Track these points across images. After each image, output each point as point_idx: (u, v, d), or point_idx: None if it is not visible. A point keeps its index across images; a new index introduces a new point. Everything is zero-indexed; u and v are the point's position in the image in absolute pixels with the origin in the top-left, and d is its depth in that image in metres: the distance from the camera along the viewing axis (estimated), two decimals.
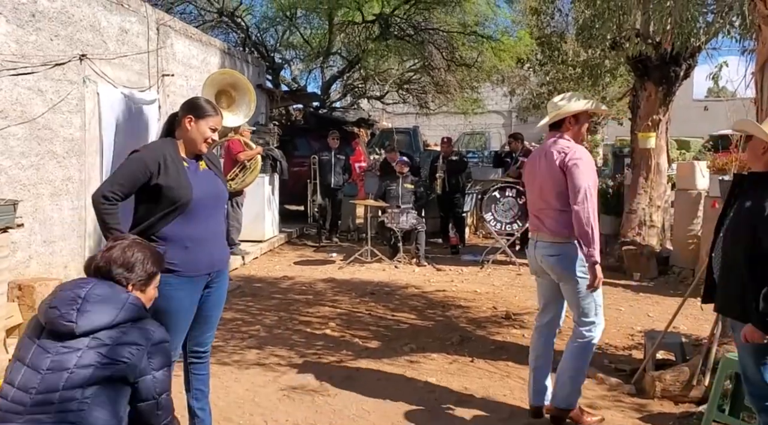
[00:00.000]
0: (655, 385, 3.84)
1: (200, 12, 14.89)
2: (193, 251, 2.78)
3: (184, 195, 2.75)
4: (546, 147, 3.47)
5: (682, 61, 7.71)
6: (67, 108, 5.78)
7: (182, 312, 2.81)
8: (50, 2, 5.52)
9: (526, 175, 3.72)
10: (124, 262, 2.22)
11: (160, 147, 2.86)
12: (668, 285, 7.10)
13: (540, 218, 3.49)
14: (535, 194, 3.53)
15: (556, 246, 3.39)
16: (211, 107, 2.92)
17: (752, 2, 3.86)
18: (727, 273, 2.76)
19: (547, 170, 3.39)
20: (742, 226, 2.68)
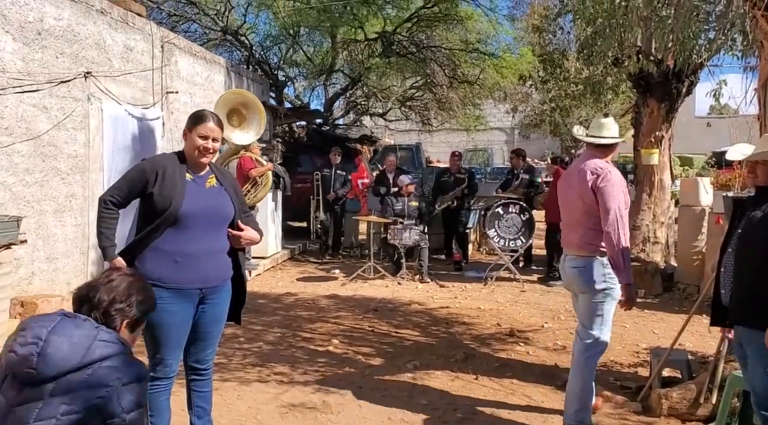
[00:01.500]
0: (662, 403, 3.79)
1: (204, 30, 15.03)
2: (183, 267, 2.74)
3: (174, 207, 2.72)
4: (580, 165, 3.60)
5: (684, 78, 7.74)
6: (72, 125, 5.81)
7: (174, 326, 2.78)
8: (56, 20, 5.58)
9: (561, 190, 3.81)
10: (126, 298, 2.07)
11: (163, 158, 2.90)
12: (673, 302, 7.06)
13: (569, 233, 3.63)
14: (566, 209, 3.66)
15: (579, 259, 3.51)
16: (205, 116, 2.87)
17: (754, 19, 3.87)
18: (741, 282, 2.71)
19: (578, 188, 3.50)
20: (755, 233, 2.66)
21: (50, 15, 5.51)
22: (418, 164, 15.19)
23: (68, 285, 5.75)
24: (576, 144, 19.31)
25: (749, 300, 2.66)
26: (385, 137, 21.89)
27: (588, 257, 3.47)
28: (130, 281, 2.12)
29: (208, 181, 2.90)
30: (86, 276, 5.99)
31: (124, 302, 2.05)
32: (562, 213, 3.77)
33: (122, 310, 2.04)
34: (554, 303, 6.95)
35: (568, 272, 3.59)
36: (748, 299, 2.66)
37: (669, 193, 8.25)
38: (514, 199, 8.40)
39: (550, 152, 16.67)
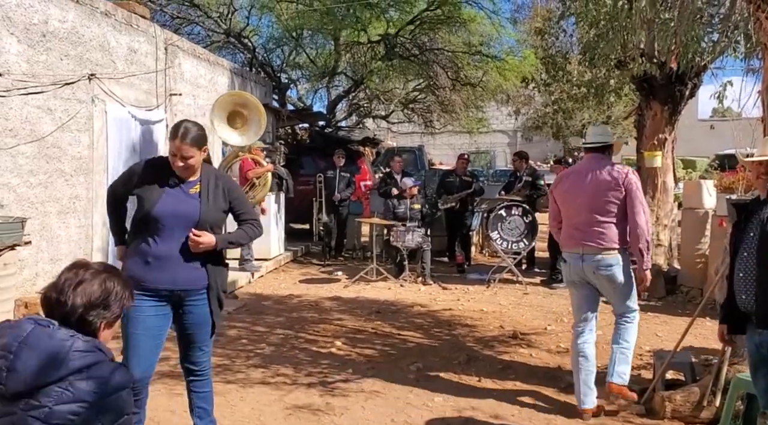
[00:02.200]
0: (665, 405, 3.79)
1: (208, 33, 15.07)
2: (153, 268, 2.85)
3: (146, 209, 2.84)
4: (593, 166, 3.84)
5: (688, 81, 7.73)
6: (76, 127, 5.83)
7: (142, 323, 2.86)
8: (61, 23, 5.60)
9: (567, 191, 3.96)
10: (103, 299, 1.83)
11: (154, 161, 3.01)
12: (676, 305, 7.04)
13: (585, 230, 3.79)
14: (581, 208, 3.82)
15: (611, 258, 3.74)
16: (176, 132, 2.90)
17: (757, 21, 3.87)
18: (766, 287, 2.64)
19: (604, 187, 3.73)
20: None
21: (55, 17, 5.53)
22: (421, 166, 15.19)
23: None
24: (579, 147, 19.30)
25: None
26: (388, 139, 21.91)
27: (618, 254, 3.74)
28: (103, 278, 1.85)
29: (194, 188, 2.96)
30: None
31: (101, 304, 1.82)
32: (569, 212, 3.91)
33: (101, 314, 1.82)
34: (557, 306, 6.94)
35: (596, 272, 3.77)
36: None
37: (672, 195, 8.23)
38: (517, 201, 8.39)
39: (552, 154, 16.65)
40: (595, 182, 3.78)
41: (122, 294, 1.87)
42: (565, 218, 3.96)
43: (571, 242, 3.88)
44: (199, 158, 2.93)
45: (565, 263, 3.98)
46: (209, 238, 2.89)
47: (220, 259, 3.06)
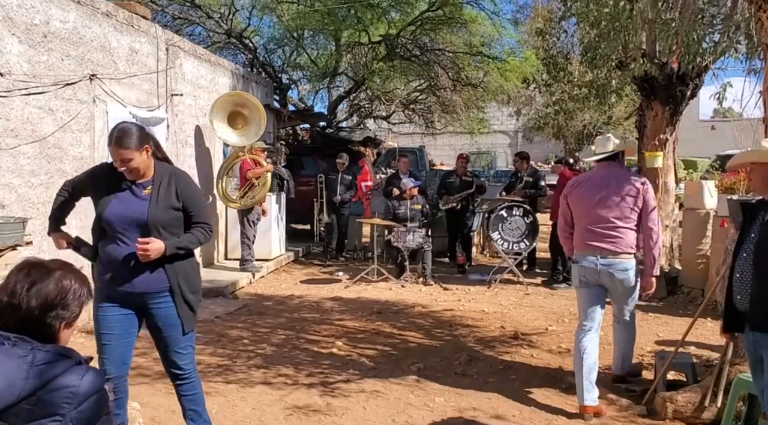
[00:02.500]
0: (667, 406, 3.78)
1: (209, 33, 15.07)
2: (112, 271, 2.90)
3: (98, 212, 2.90)
4: (609, 173, 4.04)
5: (689, 81, 7.72)
6: (77, 127, 5.83)
7: (109, 324, 2.93)
8: (62, 23, 5.60)
9: (582, 196, 4.09)
10: (60, 299, 1.68)
11: (107, 165, 3.02)
12: (677, 305, 7.03)
13: (602, 234, 3.94)
14: (598, 213, 3.96)
15: (626, 262, 3.94)
16: (111, 137, 2.87)
17: (759, 22, 3.87)
18: (761, 289, 2.63)
19: (623, 193, 3.92)
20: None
21: (56, 18, 5.53)
22: (422, 167, 15.19)
23: None
24: (580, 147, 19.28)
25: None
26: (389, 140, 21.90)
27: (630, 259, 3.95)
28: (58, 276, 1.71)
29: (148, 189, 2.94)
30: (90, 278, 6.00)
31: (59, 304, 1.68)
32: (581, 213, 4.06)
33: (59, 315, 1.68)
34: (558, 306, 6.93)
35: (613, 276, 3.94)
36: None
37: (673, 196, 8.23)
38: (518, 202, 8.39)
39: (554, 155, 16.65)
40: (612, 189, 3.96)
41: (80, 292, 1.73)
42: (580, 222, 4.08)
43: (587, 245, 4.00)
44: (141, 159, 2.87)
45: (577, 264, 4.06)
46: (158, 245, 2.82)
47: (184, 257, 2.99)
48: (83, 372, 1.62)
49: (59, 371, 1.59)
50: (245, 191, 8.33)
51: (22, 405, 1.53)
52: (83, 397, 1.58)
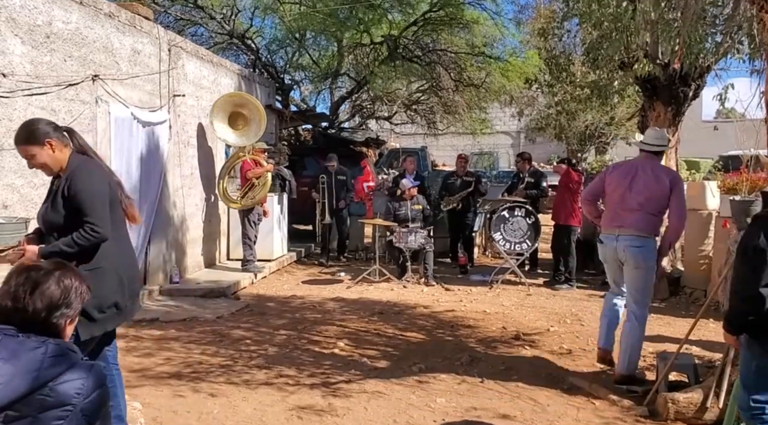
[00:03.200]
0: (668, 407, 3.78)
1: (211, 34, 15.09)
2: None
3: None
4: (648, 164, 4.41)
5: (691, 82, 7.72)
6: (79, 128, 5.82)
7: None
8: (65, 24, 5.62)
9: (616, 179, 4.48)
10: (64, 298, 1.77)
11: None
12: (680, 306, 7.02)
13: (626, 216, 4.32)
14: (629, 198, 4.34)
15: (640, 240, 4.25)
16: (16, 136, 2.85)
17: (761, 22, 3.87)
18: None
19: (654, 183, 4.29)
20: None
21: (59, 18, 5.54)
22: (424, 167, 15.20)
23: None
24: (582, 148, 19.26)
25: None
26: (391, 140, 21.91)
27: (647, 238, 4.26)
28: (57, 276, 1.78)
29: (57, 183, 2.88)
30: None
31: (63, 303, 1.76)
32: (614, 198, 4.44)
33: (64, 314, 1.76)
34: (560, 307, 6.93)
35: (625, 250, 4.27)
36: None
37: None
38: (519, 202, 8.38)
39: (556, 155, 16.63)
40: (646, 177, 4.32)
41: (81, 289, 1.82)
42: (611, 203, 4.49)
43: (612, 225, 4.41)
44: (45, 154, 2.78)
45: (602, 244, 4.51)
46: (31, 251, 2.70)
47: (85, 264, 2.74)
48: (90, 365, 1.73)
49: (71, 362, 1.68)
50: (245, 192, 8.35)
51: (36, 395, 1.60)
52: (91, 389, 1.67)
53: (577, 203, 8.37)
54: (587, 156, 19.62)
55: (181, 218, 7.87)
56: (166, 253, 7.50)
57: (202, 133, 8.46)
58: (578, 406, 4.02)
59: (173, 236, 7.66)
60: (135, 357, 4.97)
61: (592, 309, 6.84)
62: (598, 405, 4.04)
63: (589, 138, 18.71)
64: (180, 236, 7.85)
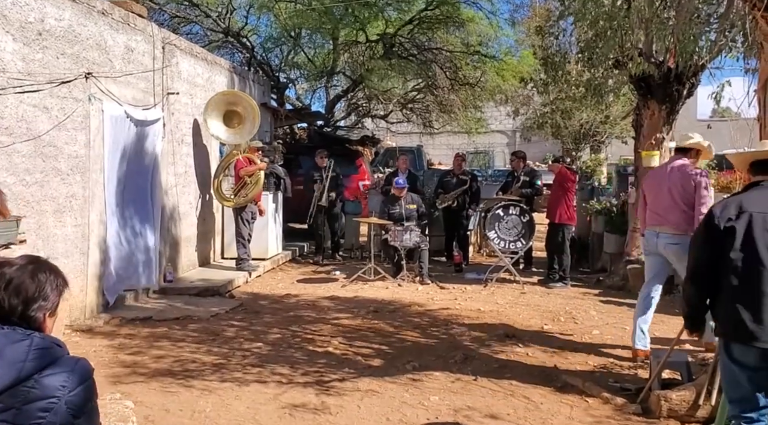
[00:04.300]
0: (661, 405, 3.78)
1: (206, 32, 15.05)
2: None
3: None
4: (675, 165, 4.88)
5: (685, 80, 7.72)
6: (72, 125, 5.81)
7: None
8: (57, 21, 5.59)
9: (651, 181, 5.06)
10: (39, 291, 1.74)
11: None
12: (673, 304, 7.01)
13: (663, 215, 4.80)
14: (662, 196, 4.83)
15: (677, 237, 4.67)
16: None
17: (754, 20, 3.87)
18: None
19: (680, 182, 4.74)
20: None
21: (51, 15, 5.51)
22: (420, 166, 15.18)
23: None
24: (577, 147, 19.28)
25: None
26: (387, 139, 21.89)
27: (683, 235, 4.58)
28: (31, 271, 1.76)
29: None
30: (86, 277, 5.99)
31: (40, 296, 1.74)
32: (653, 199, 4.94)
33: (42, 307, 1.74)
34: (554, 305, 6.93)
35: (666, 248, 4.75)
36: None
37: None
38: (514, 201, 8.38)
39: (551, 154, 16.63)
40: (674, 179, 4.79)
41: (56, 281, 1.79)
42: (649, 203, 4.98)
43: (652, 223, 4.90)
44: None
45: (643, 237, 5.06)
46: None
47: None
48: (76, 360, 1.72)
49: (56, 356, 1.68)
50: (238, 190, 8.34)
51: (20, 387, 1.60)
52: (76, 383, 1.67)
53: (572, 201, 8.39)
54: (582, 155, 19.63)
55: (175, 216, 7.84)
56: (161, 251, 7.47)
57: (197, 131, 8.43)
58: (571, 404, 4.02)
59: (167, 234, 7.64)
60: (128, 355, 4.95)
61: (586, 307, 6.85)
62: (591, 403, 4.04)
63: (584, 137, 18.71)
64: (174, 235, 7.83)
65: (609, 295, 7.51)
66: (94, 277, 6.13)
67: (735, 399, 2.76)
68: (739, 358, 2.67)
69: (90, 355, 4.91)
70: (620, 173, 10.56)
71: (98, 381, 4.20)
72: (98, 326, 5.80)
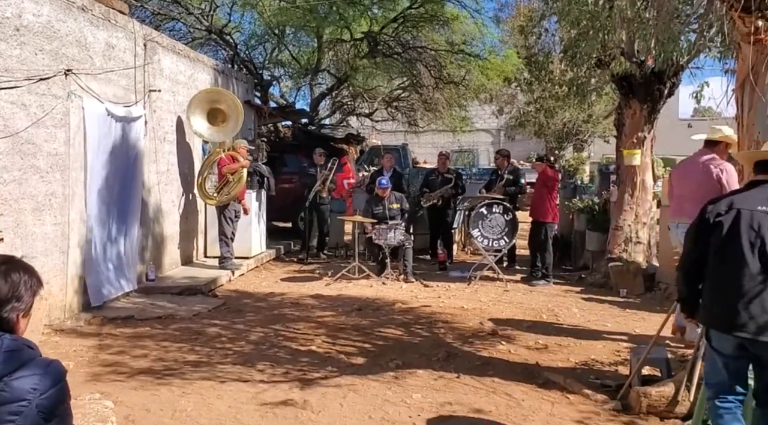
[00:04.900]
0: (641, 401, 3.82)
1: (189, 29, 14.92)
2: None
3: None
4: (702, 159, 5.00)
5: (666, 80, 7.81)
6: (52, 123, 5.74)
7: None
8: (35, 17, 5.51)
9: (678, 174, 5.29)
10: (12, 292, 1.71)
11: None
12: (654, 301, 7.10)
13: (683, 206, 4.90)
14: (684, 188, 5.02)
15: None
16: None
17: (731, 20, 3.92)
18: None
19: (702, 175, 4.89)
20: None
21: (29, 11, 5.43)
22: (405, 164, 15.20)
23: (47, 285, 5.66)
24: (560, 145, 19.41)
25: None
26: (372, 137, 21.88)
27: None
28: (3, 271, 1.73)
29: None
30: (66, 276, 5.92)
31: (13, 297, 1.71)
32: (678, 191, 5.13)
33: (15, 308, 1.71)
34: (537, 303, 6.97)
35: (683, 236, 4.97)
36: None
37: (651, 193, 8.31)
38: (498, 199, 8.42)
39: (535, 153, 16.72)
40: (697, 171, 4.96)
41: (30, 282, 1.76)
42: (674, 195, 5.16)
43: (675, 214, 5.10)
44: None
45: (670, 230, 5.28)
46: None
47: None
48: (48, 363, 1.70)
49: (27, 358, 1.66)
50: (221, 188, 8.29)
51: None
52: (48, 385, 1.64)
53: (554, 199, 8.45)
54: (565, 154, 19.77)
55: (158, 214, 7.78)
56: (143, 250, 7.41)
57: (179, 129, 8.37)
58: (553, 401, 4.05)
59: (149, 232, 7.57)
60: (108, 354, 4.91)
61: (568, 305, 6.91)
62: (572, 400, 4.07)
63: (567, 136, 18.86)
64: (156, 233, 7.76)
65: (591, 292, 7.57)
66: (75, 276, 6.06)
67: (712, 383, 2.93)
68: (716, 346, 2.85)
69: (70, 355, 4.86)
70: (602, 172, 10.66)
71: (78, 381, 4.18)
72: (79, 325, 5.73)
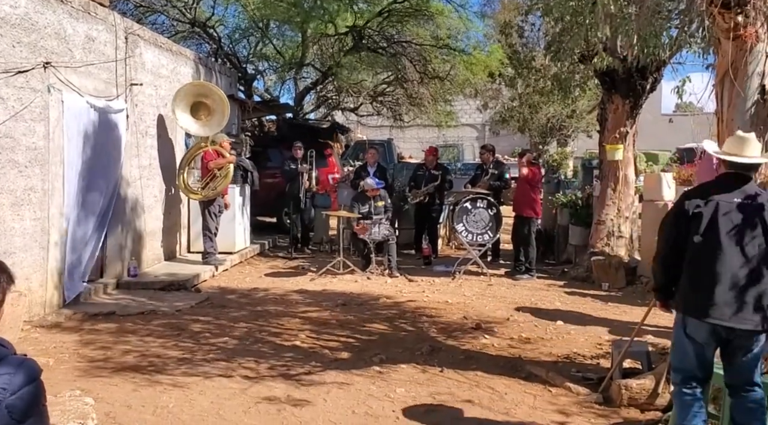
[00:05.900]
0: (622, 393, 3.86)
1: (172, 23, 14.77)
2: None
3: None
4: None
5: (649, 75, 7.87)
6: (30, 116, 5.65)
7: None
8: (12, 8, 5.41)
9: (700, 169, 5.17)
10: None
11: None
12: (636, 295, 7.18)
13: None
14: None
15: None
16: None
17: (711, 16, 3.95)
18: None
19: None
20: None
21: (6, 2, 5.33)
22: (390, 159, 15.18)
23: (27, 280, 5.59)
24: (544, 140, 19.51)
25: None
26: (357, 132, 21.83)
27: None
28: None
29: None
30: (46, 271, 5.85)
31: None
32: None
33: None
34: (520, 297, 7.02)
35: None
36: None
37: (633, 188, 8.39)
38: (482, 194, 8.44)
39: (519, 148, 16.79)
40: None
41: (1, 277, 1.73)
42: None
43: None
44: None
45: None
46: None
47: None
48: (20, 361, 1.65)
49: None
50: (206, 183, 8.22)
51: None
52: (19, 386, 1.60)
53: (538, 195, 8.50)
54: (549, 148, 19.88)
55: (140, 209, 7.70)
56: (124, 245, 7.34)
57: (161, 123, 8.28)
58: (535, 394, 4.08)
59: (131, 228, 7.49)
60: (90, 350, 4.86)
61: (551, 299, 6.96)
62: (554, 393, 4.11)
63: (551, 131, 18.97)
64: (138, 228, 7.68)
65: (573, 286, 7.63)
66: (55, 271, 5.99)
67: (679, 368, 3.07)
68: (691, 333, 2.97)
69: (50, 351, 4.80)
70: (585, 167, 10.73)
71: (58, 377, 4.13)
72: (60, 321, 5.67)
